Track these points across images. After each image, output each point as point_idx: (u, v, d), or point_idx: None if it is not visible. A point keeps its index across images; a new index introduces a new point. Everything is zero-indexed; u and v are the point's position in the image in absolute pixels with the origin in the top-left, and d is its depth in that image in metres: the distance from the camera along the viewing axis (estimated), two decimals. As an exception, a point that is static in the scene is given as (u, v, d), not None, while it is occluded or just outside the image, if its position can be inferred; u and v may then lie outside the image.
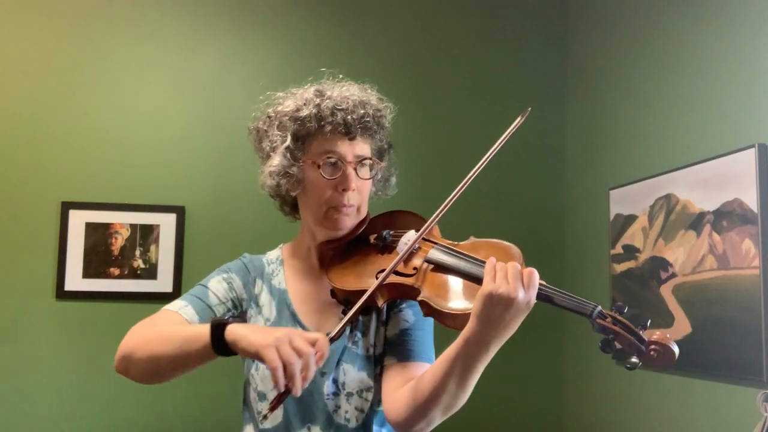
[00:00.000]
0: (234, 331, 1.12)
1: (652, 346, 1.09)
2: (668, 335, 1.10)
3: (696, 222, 2.25)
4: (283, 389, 1.07)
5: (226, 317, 1.24)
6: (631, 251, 2.58)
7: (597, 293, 2.81)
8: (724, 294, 2.11)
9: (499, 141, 1.26)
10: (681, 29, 2.45)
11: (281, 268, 1.44)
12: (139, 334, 1.26)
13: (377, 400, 1.36)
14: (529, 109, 1.28)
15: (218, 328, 1.14)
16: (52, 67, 2.77)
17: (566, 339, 3.03)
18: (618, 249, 2.66)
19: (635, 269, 2.55)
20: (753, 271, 2.00)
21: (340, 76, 1.41)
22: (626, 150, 2.71)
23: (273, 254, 1.48)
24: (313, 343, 1.09)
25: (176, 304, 1.34)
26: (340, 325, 1.18)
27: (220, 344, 1.13)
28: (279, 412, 1.34)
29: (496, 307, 1.09)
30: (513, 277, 1.10)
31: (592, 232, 2.89)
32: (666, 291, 2.37)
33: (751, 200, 2.03)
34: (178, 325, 1.27)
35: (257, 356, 1.08)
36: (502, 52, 3.14)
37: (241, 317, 1.39)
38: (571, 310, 1.14)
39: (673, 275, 2.34)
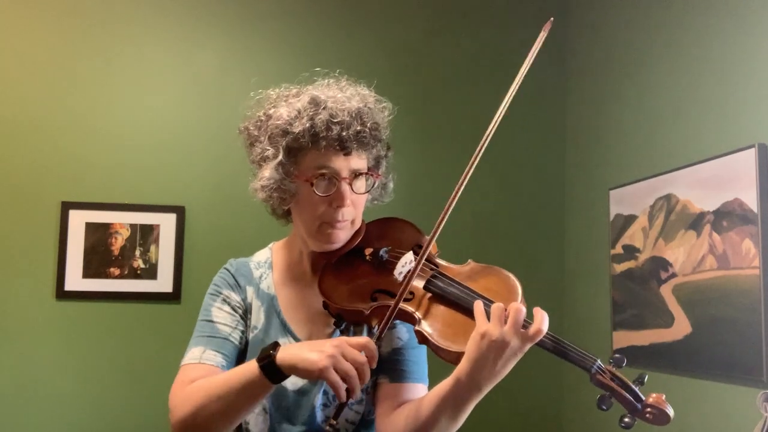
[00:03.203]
0: (285, 360, 1.11)
1: (648, 409, 1.09)
2: (663, 397, 1.10)
3: (696, 222, 2.25)
4: (345, 401, 1.09)
5: (267, 350, 1.15)
6: (631, 251, 2.58)
7: (597, 293, 2.81)
8: (724, 294, 2.11)
9: (526, 62, 1.23)
10: (681, 30, 2.44)
11: (270, 272, 1.39)
12: (186, 402, 1.19)
13: (368, 412, 1.34)
14: (551, 19, 1.23)
15: (268, 365, 1.12)
16: (52, 67, 2.77)
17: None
18: (618, 249, 2.66)
19: (635, 269, 2.55)
20: (753, 271, 2.00)
21: (337, 72, 1.36)
22: (626, 150, 2.71)
23: (262, 256, 1.43)
24: (362, 349, 1.10)
25: (194, 355, 1.28)
26: (380, 328, 1.17)
27: (275, 376, 1.12)
28: (264, 425, 1.32)
29: (489, 349, 1.07)
30: (510, 320, 1.07)
31: (592, 232, 2.89)
32: (666, 291, 2.37)
33: (751, 200, 2.03)
34: (219, 377, 1.20)
35: (318, 378, 1.09)
36: (502, 52, 3.14)
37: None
38: (571, 362, 1.12)
39: (673, 275, 2.34)
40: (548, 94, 3.17)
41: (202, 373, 1.24)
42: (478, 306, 1.11)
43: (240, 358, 1.35)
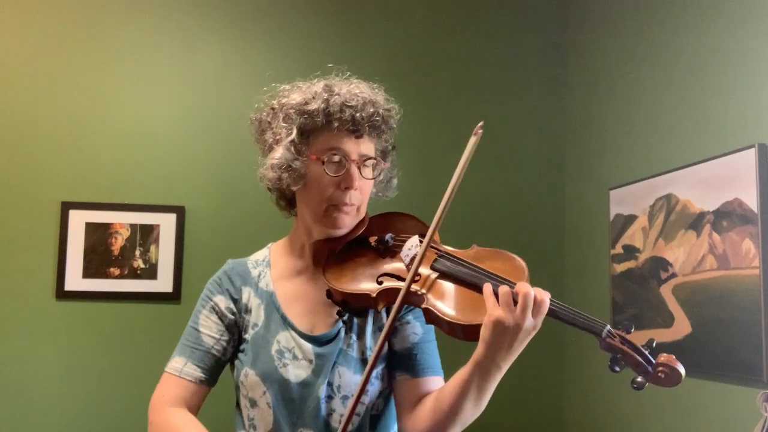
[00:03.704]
0: None
1: (660, 368, 1.10)
2: (674, 357, 1.11)
3: (696, 222, 2.25)
4: None
5: None
6: (631, 251, 2.58)
7: (597, 293, 2.81)
8: (724, 294, 2.11)
9: (460, 165, 1.22)
10: (681, 29, 2.45)
11: (268, 270, 1.40)
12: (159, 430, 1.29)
13: (372, 406, 1.35)
14: (481, 122, 1.25)
15: None
16: (52, 67, 2.77)
17: (567, 338, 3.03)
18: (618, 249, 2.66)
19: (635, 269, 2.55)
20: (753, 271, 2.00)
21: (348, 73, 1.38)
22: (626, 150, 2.71)
23: (260, 255, 1.45)
24: None
25: (176, 366, 1.34)
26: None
27: None
28: (270, 418, 1.32)
29: (504, 334, 1.10)
30: (520, 305, 1.10)
31: (592, 232, 2.89)
32: (666, 291, 2.37)
33: (751, 200, 2.03)
34: None
35: None
36: (502, 52, 3.14)
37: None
38: (580, 328, 1.14)
39: (673, 275, 2.34)
40: (548, 94, 3.17)
41: (181, 391, 1.32)
42: (487, 288, 1.14)
43: (232, 359, 1.38)
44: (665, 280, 2.38)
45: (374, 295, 1.25)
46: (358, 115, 1.28)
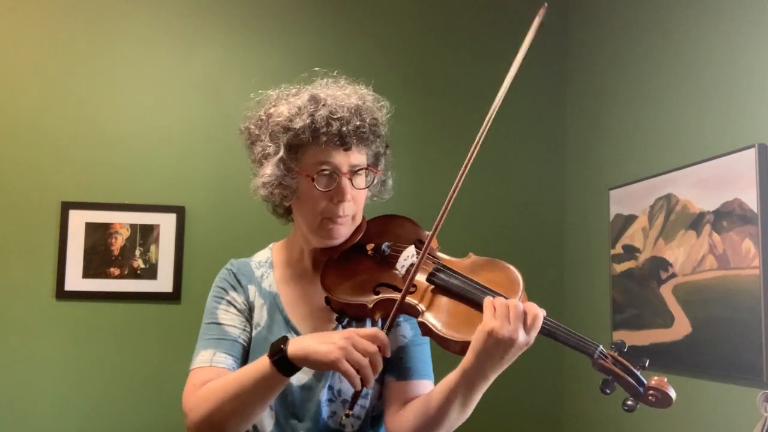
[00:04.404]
0: (297, 353, 1.13)
1: (651, 392, 1.11)
2: (666, 380, 1.11)
3: (696, 222, 2.25)
4: (360, 389, 1.12)
5: (277, 345, 1.17)
6: (631, 251, 2.58)
7: (597, 293, 2.81)
8: (724, 294, 2.11)
9: (523, 47, 1.22)
10: (681, 29, 2.45)
11: (271, 271, 1.40)
12: (202, 404, 1.21)
13: (372, 407, 1.35)
14: (545, 4, 1.23)
15: (281, 360, 1.14)
16: (52, 67, 2.77)
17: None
18: (618, 249, 2.66)
19: (635, 269, 2.55)
20: (753, 271, 2.00)
21: (335, 72, 1.37)
22: (626, 150, 2.71)
23: (262, 255, 1.44)
24: (372, 339, 1.12)
25: (204, 359, 1.29)
26: (389, 319, 1.19)
27: (287, 369, 1.15)
28: (270, 420, 1.32)
29: (496, 346, 1.10)
30: (515, 318, 1.10)
31: (592, 232, 2.89)
32: (666, 291, 2.37)
33: (751, 200, 2.03)
34: (231, 377, 1.22)
35: (330, 369, 1.13)
36: (501, 51, 3.14)
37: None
38: (572, 348, 1.14)
39: (673, 275, 2.34)
40: (548, 94, 3.17)
41: (213, 376, 1.26)
42: (488, 301, 1.13)
43: (244, 358, 1.35)
44: (665, 280, 2.38)
45: (371, 306, 1.25)
46: (345, 128, 1.25)
